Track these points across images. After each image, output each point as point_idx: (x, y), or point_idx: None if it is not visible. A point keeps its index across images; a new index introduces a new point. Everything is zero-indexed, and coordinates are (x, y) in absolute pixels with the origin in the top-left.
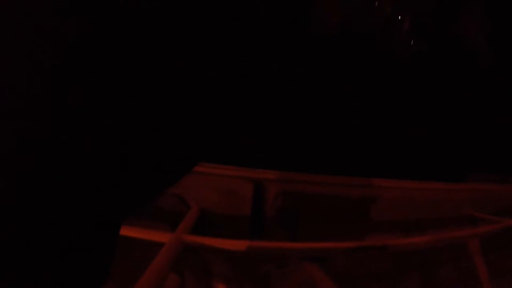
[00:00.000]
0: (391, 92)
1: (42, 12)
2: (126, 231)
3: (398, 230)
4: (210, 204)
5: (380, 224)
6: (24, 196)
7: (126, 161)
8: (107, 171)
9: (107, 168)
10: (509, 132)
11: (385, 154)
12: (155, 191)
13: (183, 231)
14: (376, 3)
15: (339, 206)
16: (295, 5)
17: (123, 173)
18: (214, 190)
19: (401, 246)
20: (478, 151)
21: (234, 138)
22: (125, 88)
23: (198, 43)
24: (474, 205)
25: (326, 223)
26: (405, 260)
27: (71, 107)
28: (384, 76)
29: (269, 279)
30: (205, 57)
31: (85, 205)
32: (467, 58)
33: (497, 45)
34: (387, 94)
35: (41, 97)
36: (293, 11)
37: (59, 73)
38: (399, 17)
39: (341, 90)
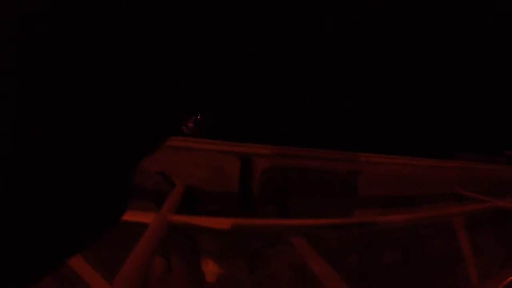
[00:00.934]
0: (382, 69)
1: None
2: None
3: (386, 205)
4: (196, 181)
5: (368, 200)
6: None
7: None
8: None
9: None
10: (497, 113)
11: (374, 130)
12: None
13: (168, 211)
14: None
15: (328, 180)
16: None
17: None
18: (199, 166)
19: (389, 223)
20: (466, 130)
21: (220, 111)
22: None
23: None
24: (462, 183)
25: (314, 198)
26: (390, 234)
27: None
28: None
29: (258, 257)
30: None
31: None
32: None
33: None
34: (378, 72)
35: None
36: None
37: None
38: None
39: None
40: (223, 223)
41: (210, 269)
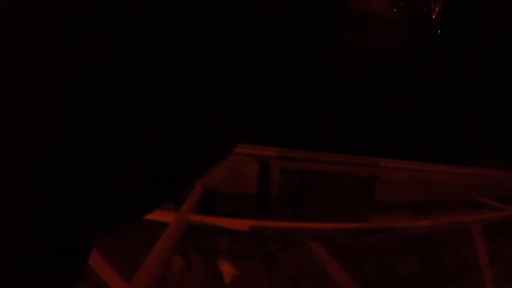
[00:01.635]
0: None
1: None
2: None
3: (403, 211)
4: (214, 182)
5: (386, 205)
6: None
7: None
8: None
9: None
10: None
11: (392, 135)
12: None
13: (188, 211)
14: None
15: (345, 185)
16: None
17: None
18: (218, 167)
19: (407, 229)
20: (484, 136)
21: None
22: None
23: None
24: (479, 190)
25: (332, 202)
26: (406, 240)
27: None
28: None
29: (275, 258)
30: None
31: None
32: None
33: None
34: (396, 77)
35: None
36: None
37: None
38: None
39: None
40: (241, 224)
41: (227, 270)
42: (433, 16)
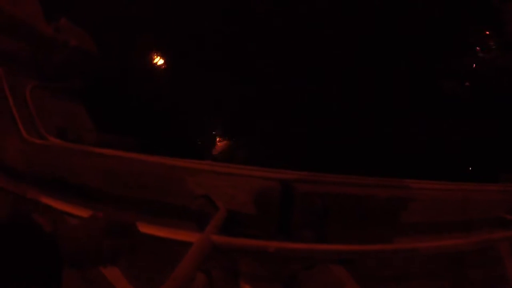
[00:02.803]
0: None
1: None
2: (155, 231)
3: (426, 232)
4: (237, 205)
5: (409, 226)
6: None
7: None
8: None
9: None
10: None
11: (415, 156)
12: None
13: (212, 232)
14: None
15: (368, 207)
16: None
17: None
18: (241, 190)
19: (431, 249)
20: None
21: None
22: None
23: None
24: (507, 207)
25: (354, 225)
26: (433, 261)
27: None
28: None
29: (296, 280)
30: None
31: None
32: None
33: None
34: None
35: None
36: None
37: None
38: None
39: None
40: (263, 246)
41: None
42: None
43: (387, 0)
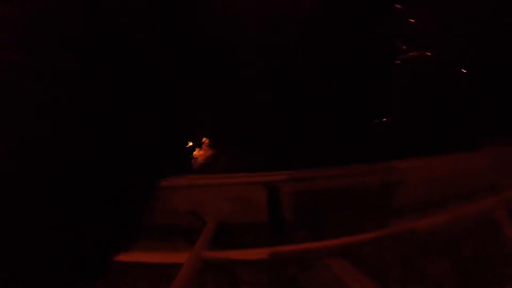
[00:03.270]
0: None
1: None
2: (148, 258)
3: (420, 211)
4: (226, 215)
5: (402, 208)
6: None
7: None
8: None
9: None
10: None
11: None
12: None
13: (201, 248)
14: None
15: (357, 196)
16: None
17: None
18: (228, 200)
19: (428, 227)
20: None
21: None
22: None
23: None
24: (495, 171)
25: (347, 215)
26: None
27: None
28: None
29: (296, 282)
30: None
31: None
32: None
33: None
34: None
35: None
36: None
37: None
38: None
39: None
40: (257, 254)
41: None
42: None
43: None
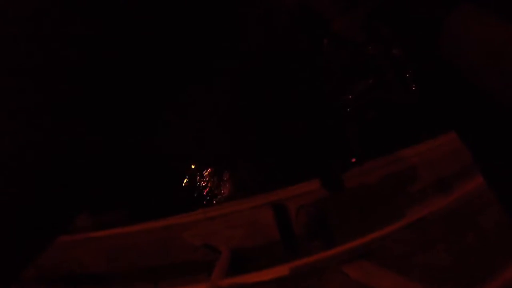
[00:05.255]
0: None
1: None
2: None
3: (429, 196)
4: (238, 241)
5: (409, 197)
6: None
7: None
8: None
9: None
10: None
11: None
12: None
13: (219, 277)
14: None
15: (362, 196)
16: None
17: None
18: (236, 227)
19: (438, 211)
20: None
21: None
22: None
23: None
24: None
25: (356, 217)
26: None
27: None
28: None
29: None
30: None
31: None
32: None
33: None
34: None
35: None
36: None
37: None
38: None
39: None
40: (273, 272)
41: None
42: None
43: None
